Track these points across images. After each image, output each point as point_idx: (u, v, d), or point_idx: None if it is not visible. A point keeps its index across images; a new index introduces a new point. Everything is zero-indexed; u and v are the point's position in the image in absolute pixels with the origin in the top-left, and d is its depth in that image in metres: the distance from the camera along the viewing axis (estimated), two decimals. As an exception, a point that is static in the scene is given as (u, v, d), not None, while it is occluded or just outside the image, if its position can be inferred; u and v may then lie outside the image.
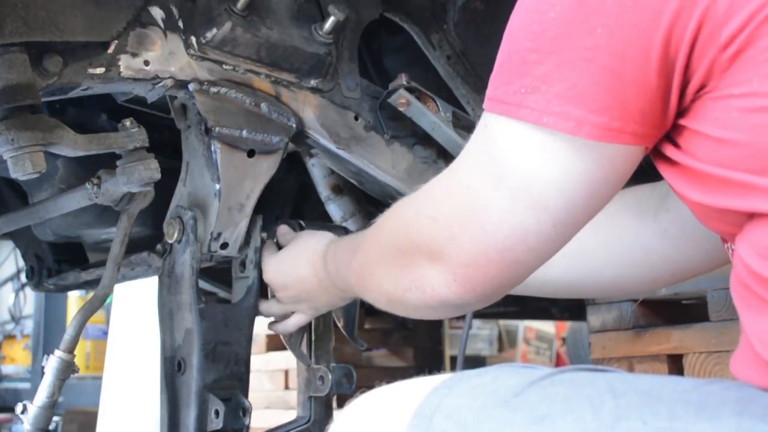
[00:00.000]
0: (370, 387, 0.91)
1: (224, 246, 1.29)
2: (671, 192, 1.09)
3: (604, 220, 1.16)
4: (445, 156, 1.48)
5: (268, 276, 1.33)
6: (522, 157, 0.82)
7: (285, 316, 1.36)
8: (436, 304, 0.94)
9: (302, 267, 1.28)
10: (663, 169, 0.83)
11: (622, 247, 1.14)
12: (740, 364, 0.77)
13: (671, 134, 0.81)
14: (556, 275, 1.22)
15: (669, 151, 0.81)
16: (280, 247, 1.37)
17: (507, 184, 0.83)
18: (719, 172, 0.76)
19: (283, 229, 1.38)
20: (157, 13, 1.19)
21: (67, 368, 1.20)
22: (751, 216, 0.75)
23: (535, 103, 0.78)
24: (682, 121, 0.79)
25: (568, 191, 0.81)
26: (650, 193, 1.13)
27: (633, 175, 1.07)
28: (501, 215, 0.84)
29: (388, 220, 1.03)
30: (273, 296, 1.35)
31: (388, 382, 0.90)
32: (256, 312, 1.33)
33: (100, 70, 1.14)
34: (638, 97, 0.77)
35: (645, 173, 1.18)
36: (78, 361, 1.22)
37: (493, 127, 0.83)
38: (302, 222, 1.39)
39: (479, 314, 3.51)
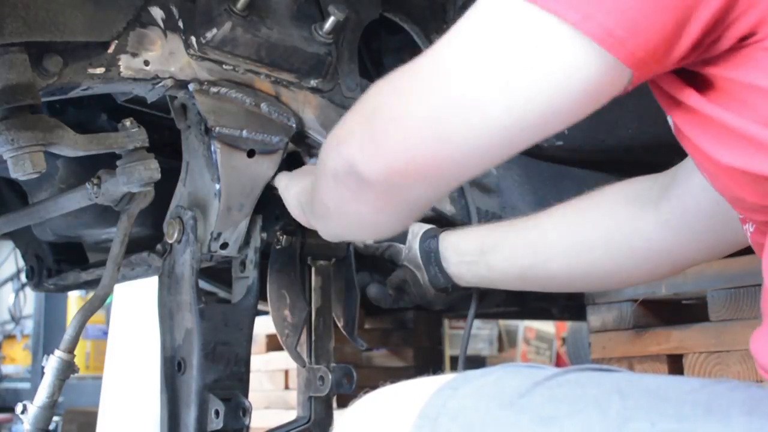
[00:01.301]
0: (371, 387, 0.90)
1: (224, 246, 1.29)
2: (675, 180, 1.08)
3: (603, 214, 1.15)
4: (445, 156, 1.48)
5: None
6: (512, 35, 0.74)
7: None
8: (342, 165, 0.85)
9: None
10: (686, 124, 0.77)
11: (622, 238, 1.14)
12: (761, 343, 0.77)
13: (699, 82, 0.75)
14: (555, 270, 1.21)
15: (695, 100, 0.75)
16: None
17: (488, 65, 0.75)
18: (762, 132, 0.71)
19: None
20: (157, 13, 1.19)
21: (67, 368, 1.20)
22: None
23: None
24: (714, 70, 0.74)
25: (547, 86, 0.73)
26: (651, 185, 1.13)
27: (630, 171, 1.07)
28: (459, 79, 0.76)
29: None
30: None
31: (390, 382, 0.89)
32: (256, 312, 1.33)
33: (100, 70, 1.14)
34: (655, 16, 0.70)
35: (644, 170, 1.18)
36: (78, 361, 1.22)
37: (490, 5, 0.77)
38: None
39: (479, 314, 3.51)
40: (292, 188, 1.25)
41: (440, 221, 1.50)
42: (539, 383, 0.76)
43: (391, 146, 0.80)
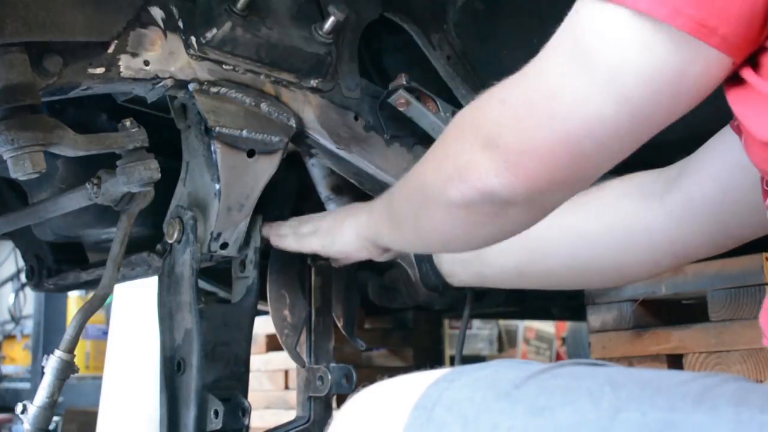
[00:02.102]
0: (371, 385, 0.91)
1: (224, 246, 1.29)
2: (682, 173, 1.09)
3: (607, 207, 1.16)
4: (445, 156, 1.48)
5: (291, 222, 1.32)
6: (611, 43, 0.77)
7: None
8: (476, 196, 0.87)
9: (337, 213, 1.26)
10: (734, 95, 0.79)
11: (624, 230, 1.14)
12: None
13: (755, 56, 0.76)
14: (555, 265, 1.21)
15: (747, 74, 0.77)
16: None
17: (589, 69, 0.78)
18: None
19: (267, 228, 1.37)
20: (157, 13, 1.19)
21: (67, 368, 1.20)
22: None
23: None
24: None
25: (654, 84, 0.76)
26: (656, 178, 1.13)
27: (632, 166, 1.06)
28: (576, 101, 0.79)
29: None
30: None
31: (389, 377, 0.90)
32: (256, 312, 1.33)
33: (100, 70, 1.14)
34: (743, 1, 0.72)
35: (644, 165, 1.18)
36: (78, 361, 1.22)
37: (584, 10, 0.79)
38: (302, 222, 1.39)
39: (479, 314, 3.51)
40: (339, 236, 1.27)
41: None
42: (534, 375, 0.77)
43: (530, 172, 0.83)
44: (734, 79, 0.78)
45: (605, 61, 0.77)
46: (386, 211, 1.11)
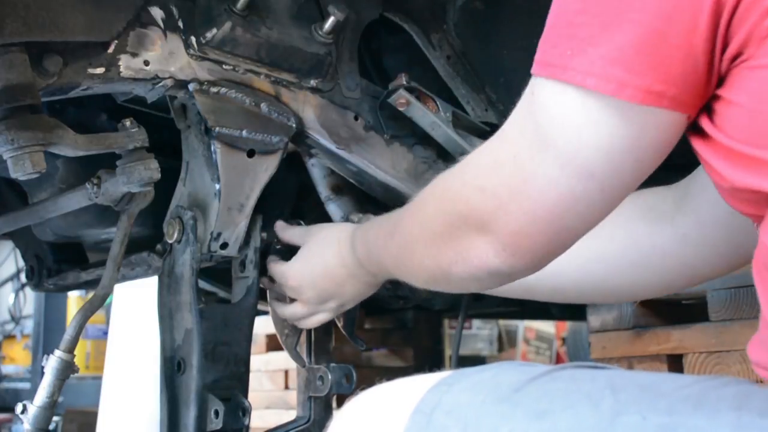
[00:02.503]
0: (370, 387, 0.91)
1: (224, 246, 1.29)
2: (688, 194, 1.08)
3: (619, 228, 1.15)
4: (445, 156, 1.48)
5: (291, 282, 1.31)
6: (567, 122, 0.81)
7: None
8: (483, 274, 0.93)
9: (329, 259, 1.27)
10: (697, 144, 0.82)
11: (638, 253, 1.13)
12: (758, 347, 0.78)
13: (709, 105, 0.79)
14: (567, 283, 1.20)
15: (704, 123, 0.79)
16: (283, 247, 1.36)
17: (553, 151, 0.82)
18: (746, 149, 0.75)
19: (280, 225, 1.37)
20: (157, 13, 1.19)
21: (67, 368, 1.20)
22: None
23: (580, 65, 0.77)
24: (718, 91, 0.78)
25: (613, 157, 0.80)
26: (665, 197, 1.12)
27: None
28: (548, 183, 0.83)
29: (430, 195, 1.01)
30: (292, 300, 1.34)
31: (387, 380, 0.90)
32: (256, 312, 1.33)
33: (100, 70, 1.14)
34: (683, 61, 0.75)
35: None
36: (78, 361, 1.22)
37: (539, 92, 0.82)
38: (302, 222, 1.39)
39: (479, 314, 3.51)
40: (349, 298, 1.31)
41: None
42: (534, 379, 0.77)
43: (526, 250, 0.89)
44: (694, 128, 0.81)
45: (564, 142, 0.81)
46: (392, 263, 1.14)
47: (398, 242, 1.09)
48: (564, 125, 0.81)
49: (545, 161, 0.83)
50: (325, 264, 1.27)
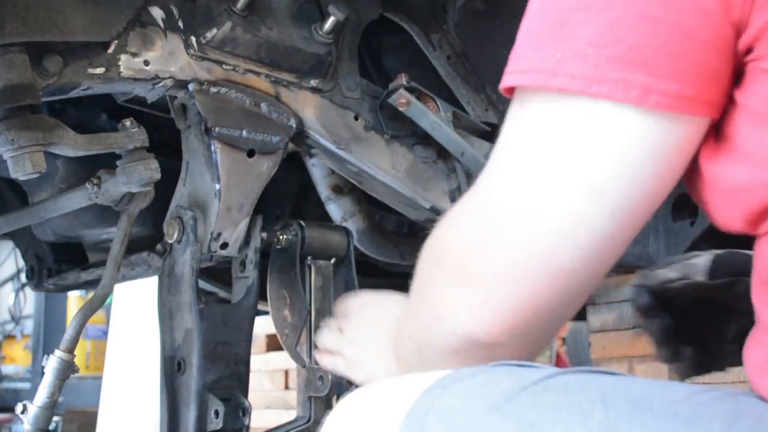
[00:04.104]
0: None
1: (224, 246, 1.29)
2: None
3: None
4: (445, 156, 1.48)
5: (346, 355, 1.18)
6: (566, 136, 0.70)
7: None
8: (458, 341, 0.77)
9: (379, 341, 1.09)
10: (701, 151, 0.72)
11: None
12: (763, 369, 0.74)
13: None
14: None
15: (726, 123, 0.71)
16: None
17: (550, 170, 0.70)
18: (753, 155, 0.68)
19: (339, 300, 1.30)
20: (157, 13, 1.19)
21: (67, 368, 1.20)
22: None
23: (578, 69, 0.68)
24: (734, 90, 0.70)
25: (628, 173, 0.69)
26: None
27: None
28: (542, 208, 0.71)
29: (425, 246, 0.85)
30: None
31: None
32: (256, 312, 1.33)
33: (100, 70, 1.14)
34: (715, 57, 0.67)
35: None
36: (78, 361, 1.22)
37: (527, 105, 0.72)
38: (302, 222, 1.39)
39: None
40: (376, 374, 1.08)
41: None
42: (526, 387, 0.74)
43: (505, 303, 0.74)
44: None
45: (563, 157, 0.70)
46: (396, 351, 0.99)
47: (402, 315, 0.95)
48: (560, 139, 0.70)
49: (538, 183, 0.71)
50: (377, 347, 1.12)
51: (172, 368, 1.25)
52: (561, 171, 0.70)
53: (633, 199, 0.70)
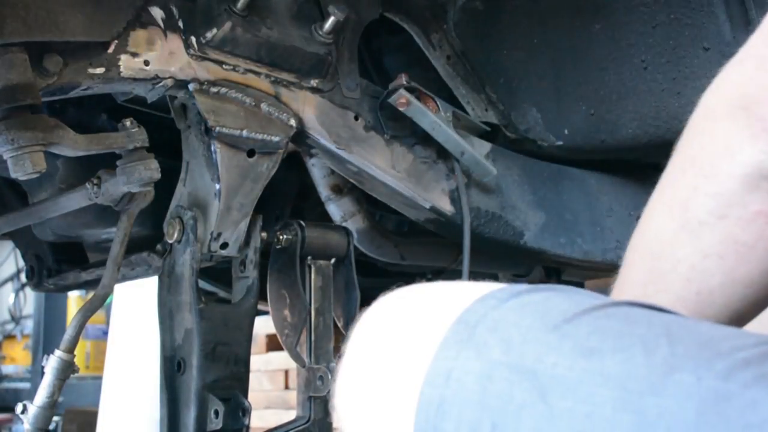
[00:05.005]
0: None
1: (224, 246, 1.29)
2: None
3: None
4: (444, 156, 1.48)
5: None
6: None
7: None
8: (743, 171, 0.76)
9: None
10: None
11: None
12: None
13: None
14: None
15: None
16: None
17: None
18: None
19: None
20: (157, 13, 1.19)
21: (67, 368, 1.20)
22: None
23: None
24: None
25: None
26: None
27: (630, 171, 1.02)
28: None
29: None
30: None
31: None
32: (256, 312, 1.33)
33: (100, 70, 1.14)
34: None
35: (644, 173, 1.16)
36: (78, 361, 1.22)
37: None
38: (302, 222, 1.39)
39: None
40: None
41: (440, 221, 1.50)
42: (587, 311, 0.69)
43: None
44: None
45: None
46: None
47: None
48: None
49: None
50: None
51: (172, 368, 1.25)
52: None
53: None
